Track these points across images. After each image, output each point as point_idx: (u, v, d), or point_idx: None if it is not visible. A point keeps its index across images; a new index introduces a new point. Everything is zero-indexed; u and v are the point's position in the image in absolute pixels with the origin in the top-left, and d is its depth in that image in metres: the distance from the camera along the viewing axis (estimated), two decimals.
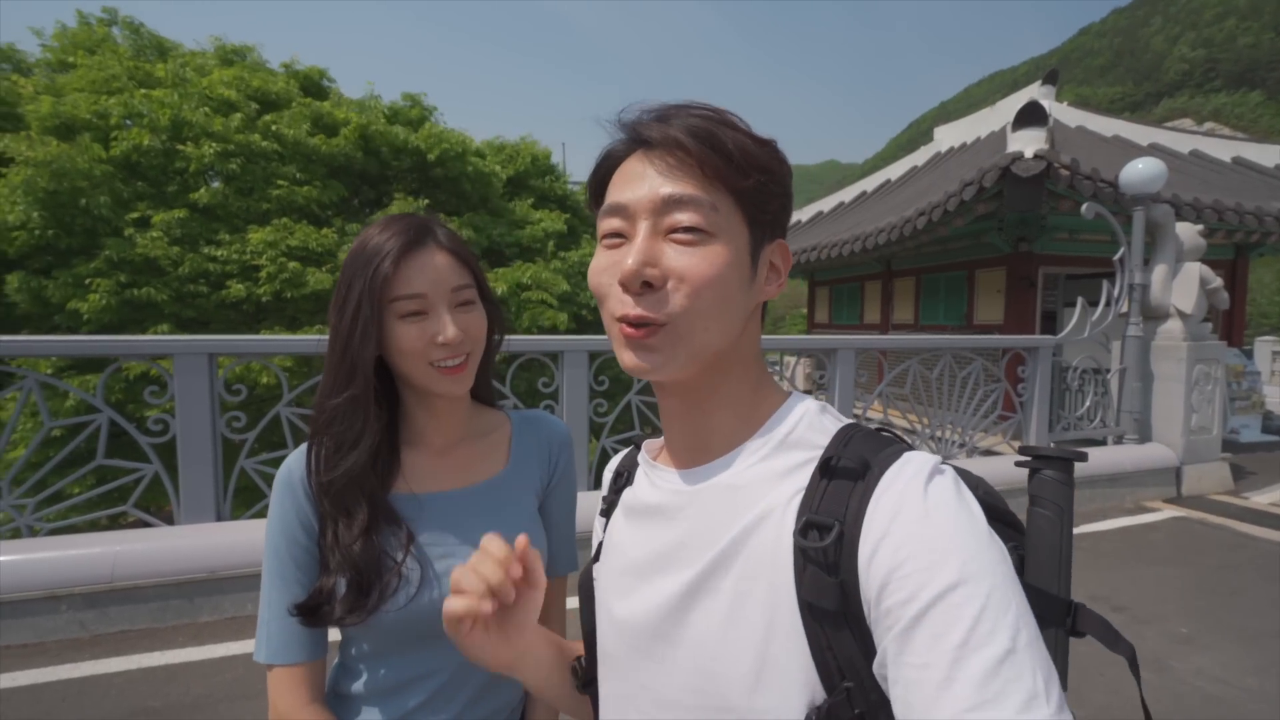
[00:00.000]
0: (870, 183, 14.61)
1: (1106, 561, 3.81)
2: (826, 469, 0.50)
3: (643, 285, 0.50)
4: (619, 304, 0.52)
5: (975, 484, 0.54)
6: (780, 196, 0.55)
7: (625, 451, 0.72)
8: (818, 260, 10.01)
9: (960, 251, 8.58)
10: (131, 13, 9.13)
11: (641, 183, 0.52)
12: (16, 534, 2.87)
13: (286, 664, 0.76)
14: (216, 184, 7.26)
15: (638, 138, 0.53)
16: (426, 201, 8.84)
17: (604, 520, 0.69)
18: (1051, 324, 8.22)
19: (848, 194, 14.75)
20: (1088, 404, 5.46)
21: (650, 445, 0.67)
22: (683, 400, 0.57)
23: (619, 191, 0.53)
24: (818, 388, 4.60)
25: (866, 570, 0.45)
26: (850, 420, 0.57)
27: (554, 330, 8.66)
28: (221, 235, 7.27)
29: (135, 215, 6.83)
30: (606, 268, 0.53)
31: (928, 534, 0.44)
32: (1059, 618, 0.49)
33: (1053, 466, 0.53)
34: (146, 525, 3.04)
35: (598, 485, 4.00)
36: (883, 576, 0.43)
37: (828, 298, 12.81)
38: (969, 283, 8.60)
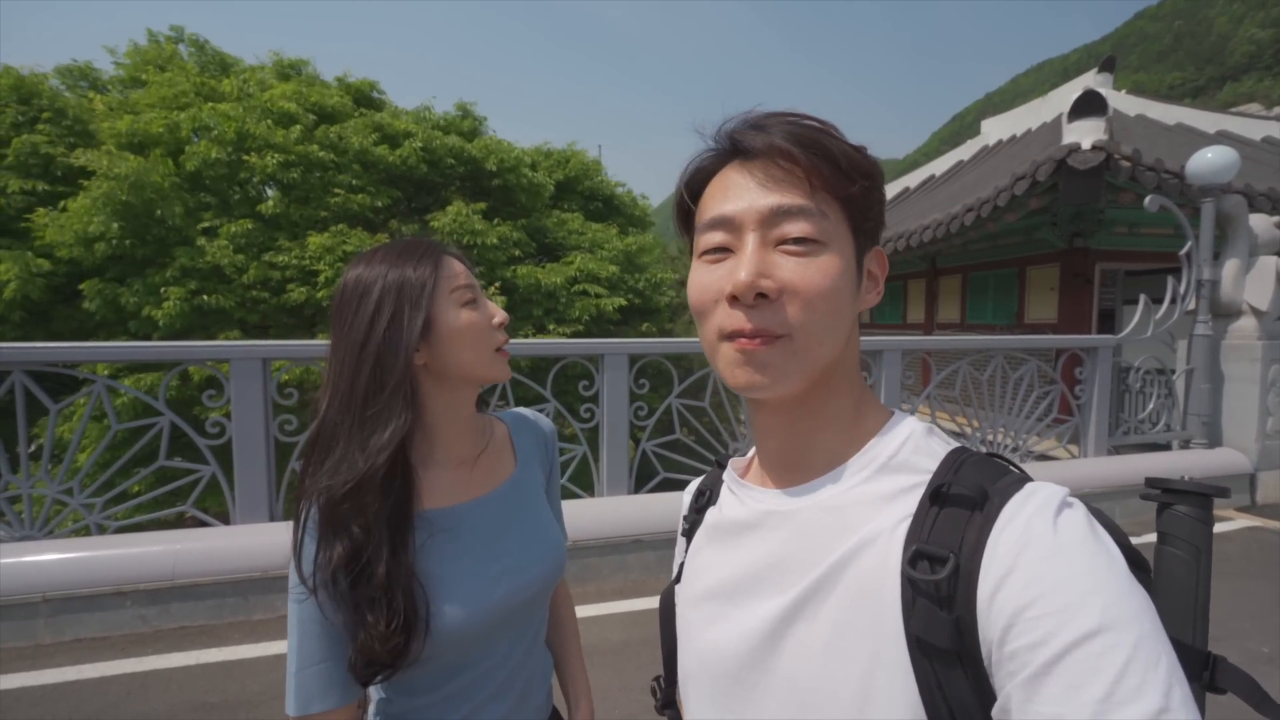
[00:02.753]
0: (913, 178, 14.23)
1: None
2: (937, 496, 0.47)
3: (756, 298, 0.48)
4: (729, 319, 0.50)
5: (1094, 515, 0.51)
6: (881, 203, 0.53)
7: (700, 479, 0.71)
8: None
9: (1010, 248, 8.26)
10: (185, 23, 9.58)
11: (745, 194, 0.50)
12: (86, 531, 3.02)
13: (324, 712, 0.72)
14: (274, 193, 7.53)
15: (736, 148, 0.52)
16: (483, 205, 9.01)
17: (685, 541, 0.67)
18: (1109, 322, 7.83)
19: (890, 190, 14.41)
20: (1151, 407, 5.17)
21: (736, 463, 0.65)
22: (786, 417, 0.55)
23: (719, 204, 0.51)
24: None
25: (987, 609, 0.42)
26: (958, 444, 0.53)
27: (605, 317, 8.82)
28: (282, 242, 7.56)
29: (204, 225, 7.19)
30: (711, 283, 0.51)
31: (1061, 572, 0.40)
32: (1195, 671, 0.45)
33: (1188, 501, 0.48)
34: (204, 525, 3.17)
35: (638, 490, 4.04)
36: (1008, 617, 0.40)
37: None
38: (1020, 280, 8.27)
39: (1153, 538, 0.53)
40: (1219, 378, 5.21)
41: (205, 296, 6.86)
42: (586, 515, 3.40)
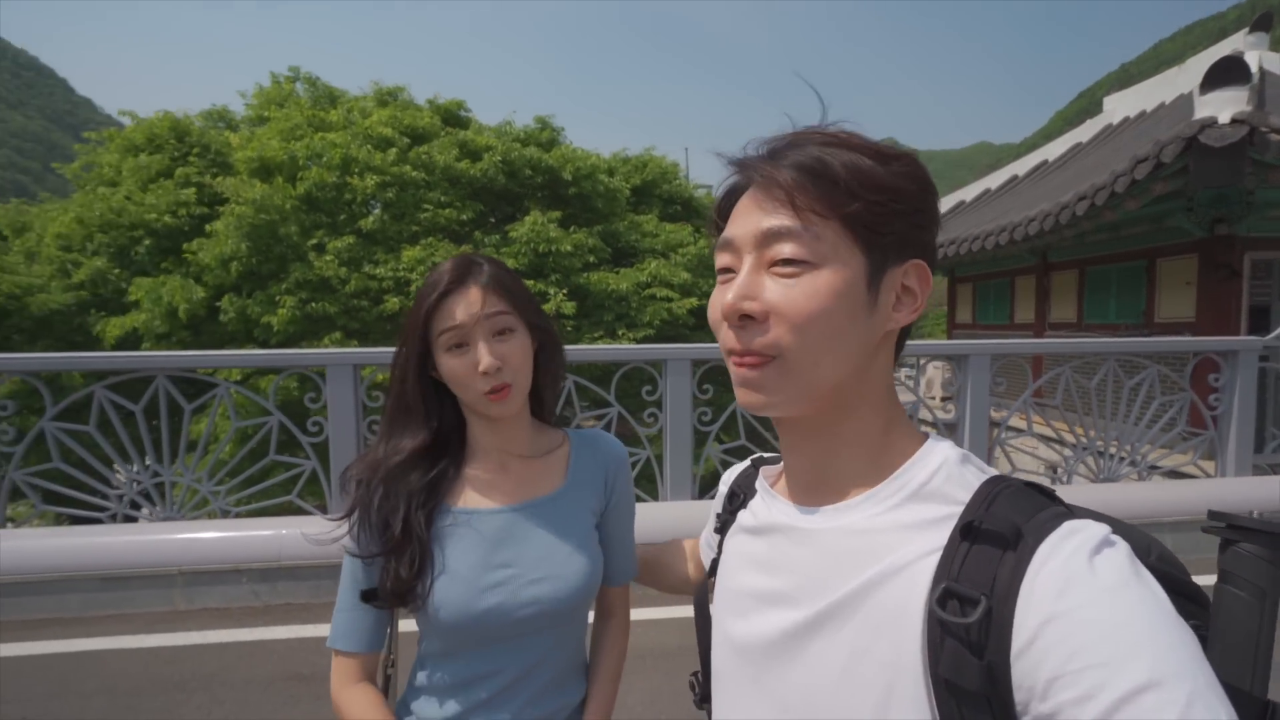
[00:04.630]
0: (1023, 165, 13.09)
1: None
2: (969, 531, 0.46)
3: (742, 318, 0.50)
4: (727, 338, 0.52)
5: (1147, 548, 0.49)
6: (907, 214, 0.51)
7: (742, 469, 0.72)
8: (958, 255, 9.15)
9: (1137, 238, 7.39)
10: (301, 64, 10.66)
11: (747, 217, 0.52)
12: (214, 514, 3.45)
13: (345, 651, 0.87)
14: (376, 211, 8.23)
15: (746, 173, 0.54)
16: (559, 214, 9.35)
17: (718, 537, 0.69)
18: (1263, 319, 6.81)
19: (995, 179, 13.32)
20: None
21: (769, 471, 0.65)
22: (804, 437, 0.55)
23: (729, 228, 0.54)
24: (945, 398, 4.18)
25: (1023, 657, 0.40)
26: (995, 473, 0.51)
27: (678, 321, 8.89)
28: (379, 255, 8.24)
29: (314, 241, 7.99)
30: (714, 303, 0.54)
31: (1104, 620, 0.39)
32: (1253, 718, 0.43)
33: (1255, 540, 0.45)
34: (306, 514, 3.52)
35: (702, 495, 4.01)
36: (1051, 670, 0.39)
37: (970, 296, 11.67)
38: (1149, 274, 7.39)
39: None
40: None
41: (313, 305, 7.62)
42: (647, 519, 3.39)
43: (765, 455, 0.71)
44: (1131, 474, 4.28)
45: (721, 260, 0.54)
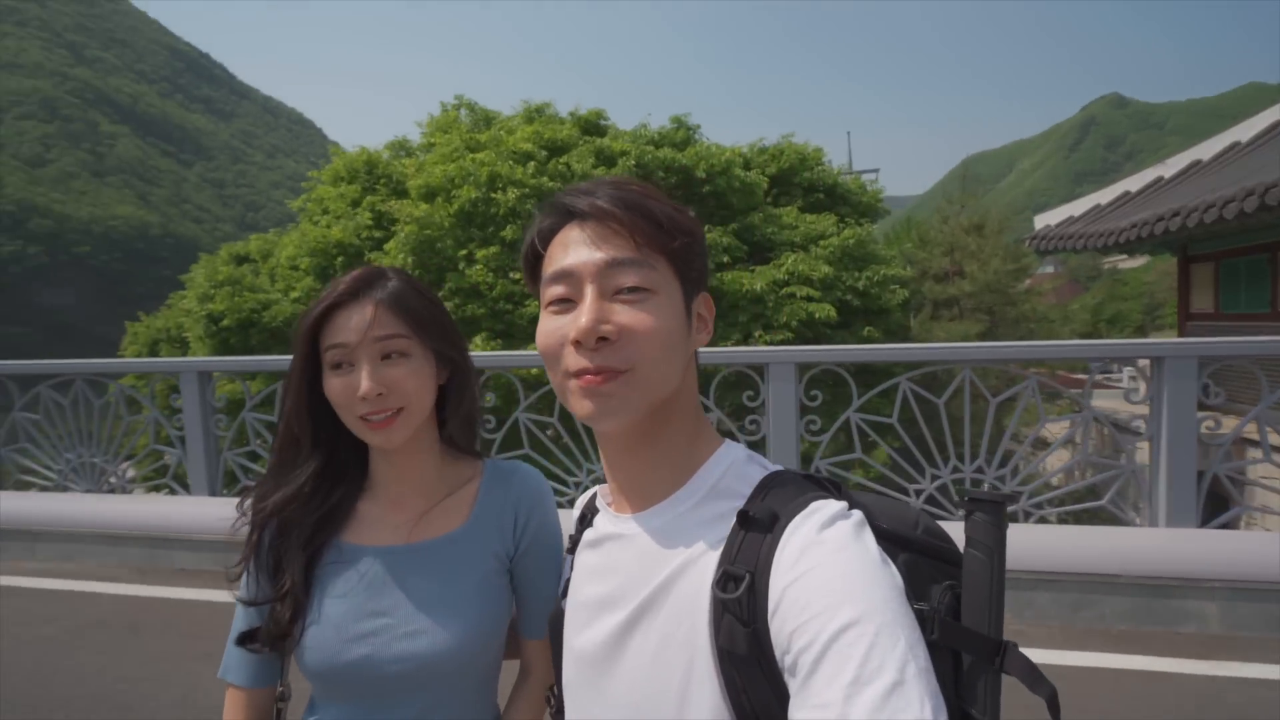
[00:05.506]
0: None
1: None
2: (745, 520, 0.54)
3: (598, 341, 0.55)
4: (574, 360, 0.56)
5: (914, 522, 0.57)
6: (702, 255, 0.62)
7: (591, 493, 0.76)
8: (1193, 227, 7.30)
9: None
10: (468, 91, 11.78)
11: (581, 249, 0.57)
12: None
13: (235, 684, 0.84)
14: (511, 225, 8.85)
15: (569, 211, 0.60)
16: (693, 212, 9.35)
17: (570, 558, 0.74)
18: None
19: (1245, 130, 10.51)
20: None
21: (605, 489, 0.71)
22: (626, 448, 0.62)
23: (560, 259, 0.59)
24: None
25: (774, 618, 0.48)
26: (778, 469, 0.61)
27: (817, 322, 8.41)
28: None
29: (464, 252, 8.80)
30: (556, 329, 0.58)
31: (823, 578, 0.47)
32: (989, 656, 0.50)
33: (983, 509, 0.53)
34: None
35: None
36: (790, 625, 0.46)
37: (1211, 278, 9.31)
38: None
39: None
40: None
41: (465, 309, 8.39)
42: None
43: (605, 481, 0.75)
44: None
45: (555, 291, 0.58)
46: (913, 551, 0.54)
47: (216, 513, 3.69)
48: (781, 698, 0.47)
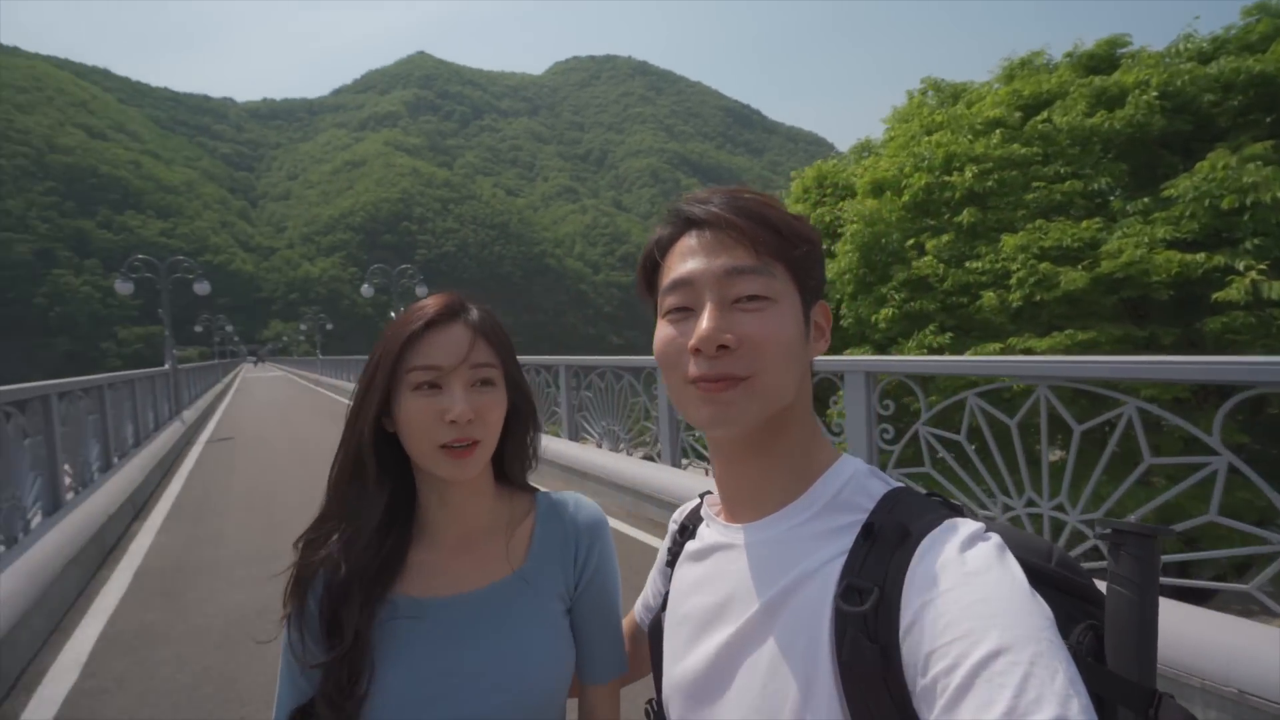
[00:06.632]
0: None
1: None
2: (869, 533, 0.52)
3: (718, 349, 0.54)
4: (694, 367, 0.56)
5: (1048, 553, 0.54)
6: (820, 264, 0.61)
7: (691, 505, 0.75)
8: None
9: None
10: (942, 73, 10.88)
11: (701, 257, 0.57)
12: None
13: None
14: (966, 210, 7.87)
15: (687, 220, 0.59)
16: (1266, 145, 6.36)
17: (669, 571, 0.72)
18: None
19: None
20: None
21: (711, 500, 0.70)
22: (741, 457, 0.61)
23: (679, 268, 0.58)
24: None
25: (906, 638, 0.45)
26: (900, 485, 0.58)
27: None
28: (979, 249, 7.81)
29: (912, 243, 8.36)
30: (675, 337, 0.58)
31: (967, 600, 0.43)
32: (1141, 705, 0.46)
33: (1130, 542, 0.49)
34: None
35: None
36: (927, 646, 0.43)
37: None
38: None
39: None
40: None
41: (912, 304, 7.96)
42: None
43: (710, 491, 0.72)
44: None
45: (674, 300, 0.58)
46: (1048, 585, 0.50)
47: (674, 480, 4.83)
48: (907, 718, 0.45)
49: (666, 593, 0.70)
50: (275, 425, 13.45)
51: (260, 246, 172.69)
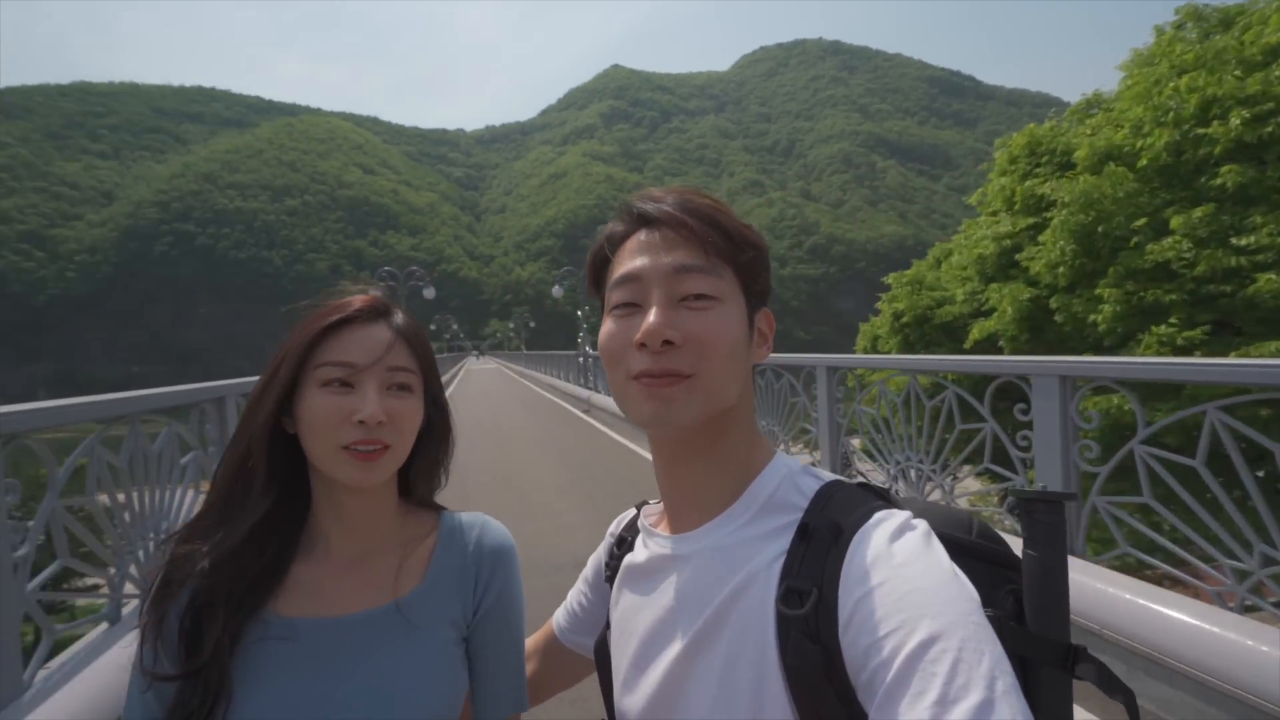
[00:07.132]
0: None
1: None
2: (804, 532, 0.53)
3: (663, 345, 0.54)
4: (638, 362, 0.56)
5: (969, 526, 0.56)
6: (766, 271, 0.62)
7: (628, 515, 0.74)
8: None
9: None
10: None
11: (650, 254, 0.58)
12: None
13: None
14: (1225, 168, 6.03)
15: (640, 217, 0.60)
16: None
17: (606, 587, 0.71)
18: None
19: None
20: None
21: (649, 511, 0.70)
22: (685, 458, 0.60)
23: (628, 264, 0.59)
24: None
25: (845, 634, 0.46)
26: (833, 478, 0.58)
27: None
28: (1253, 217, 5.98)
29: (1142, 223, 6.68)
30: (620, 332, 0.58)
31: (899, 593, 0.45)
32: (1059, 661, 0.48)
33: (1040, 509, 0.51)
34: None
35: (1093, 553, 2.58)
36: (865, 641, 0.44)
37: None
38: None
39: None
40: None
41: (1144, 295, 6.36)
42: None
43: (646, 501, 0.72)
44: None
45: (621, 295, 0.58)
46: (972, 557, 0.52)
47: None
48: (855, 715, 0.46)
49: (608, 612, 0.70)
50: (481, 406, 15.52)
51: (482, 254, 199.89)
